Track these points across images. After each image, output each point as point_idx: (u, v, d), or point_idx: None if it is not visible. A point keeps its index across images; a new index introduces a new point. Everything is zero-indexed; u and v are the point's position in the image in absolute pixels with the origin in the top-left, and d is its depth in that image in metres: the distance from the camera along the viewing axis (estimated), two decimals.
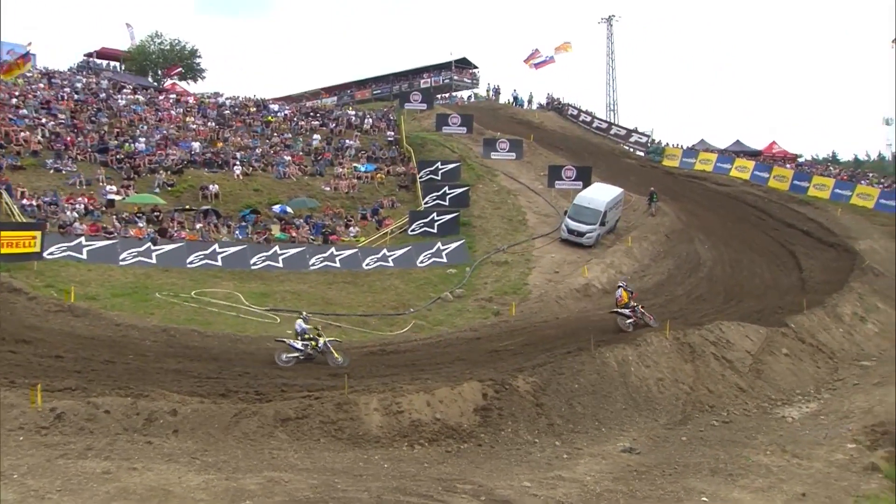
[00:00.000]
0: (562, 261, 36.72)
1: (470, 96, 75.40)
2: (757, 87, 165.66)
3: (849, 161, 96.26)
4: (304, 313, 24.47)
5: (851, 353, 27.56)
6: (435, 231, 39.86)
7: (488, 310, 30.91)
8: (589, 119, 66.77)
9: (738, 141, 64.03)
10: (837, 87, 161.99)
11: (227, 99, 56.62)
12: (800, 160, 62.82)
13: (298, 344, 22.56)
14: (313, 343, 22.56)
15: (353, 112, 57.89)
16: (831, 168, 59.17)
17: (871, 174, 56.85)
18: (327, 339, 22.89)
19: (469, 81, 76.75)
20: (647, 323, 25.55)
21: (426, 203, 42.71)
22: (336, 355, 22.65)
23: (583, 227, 38.68)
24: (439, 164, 46.24)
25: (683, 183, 53.50)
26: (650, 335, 23.12)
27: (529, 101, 71.42)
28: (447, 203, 42.54)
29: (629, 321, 25.40)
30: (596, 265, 35.69)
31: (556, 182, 44.51)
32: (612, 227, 41.11)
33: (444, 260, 37.03)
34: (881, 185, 50.42)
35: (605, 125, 66.53)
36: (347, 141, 51.08)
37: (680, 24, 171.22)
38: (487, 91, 73.59)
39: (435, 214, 40.58)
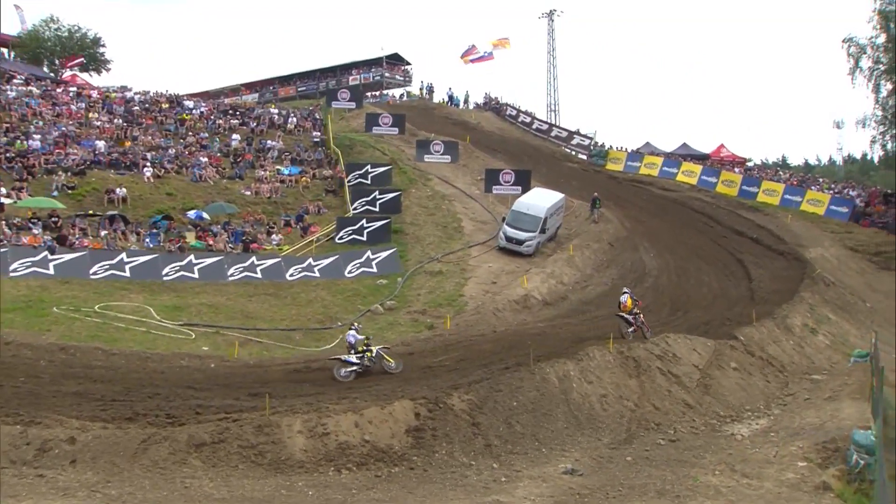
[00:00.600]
0: (499, 271, 37.04)
1: (402, 95, 75.61)
2: (705, 89, 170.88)
3: (799, 166, 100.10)
4: (356, 324, 25.24)
5: (802, 367, 28.52)
6: (364, 239, 39.73)
7: (421, 323, 30.94)
8: (528, 120, 67.66)
9: (685, 144, 65.81)
10: (788, 89, 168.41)
11: (135, 94, 55.39)
12: (749, 164, 64.99)
13: (353, 357, 23.49)
14: (368, 353, 23.62)
15: (276, 110, 57.37)
16: (781, 173, 61.43)
17: (821, 179, 59.21)
18: (378, 348, 24.07)
19: (401, 79, 76.97)
20: (644, 334, 26.19)
21: (355, 209, 42.54)
22: (390, 361, 23.83)
23: (522, 235, 39.08)
24: (369, 167, 46.16)
25: (628, 188, 54.63)
26: (592, 349, 23.48)
27: (465, 101, 71.99)
28: (377, 209, 42.47)
29: (630, 329, 26.07)
30: (536, 275, 36.09)
31: (494, 187, 44.91)
32: (553, 234, 41.61)
33: (375, 270, 36.93)
34: (832, 191, 52.46)
35: (545, 127, 67.54)
36: (270, 142, 50.55)
37: (625, 21, 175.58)
38: (421, 89, 74.02)
39: (364, 221, 40.47)
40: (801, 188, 52.23)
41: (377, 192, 43.30)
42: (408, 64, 77.49)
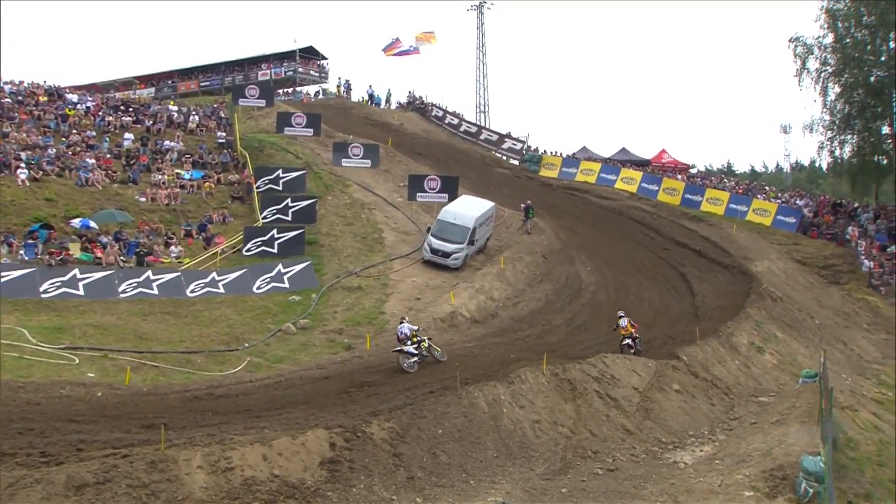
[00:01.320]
0: (424, 286, 37.17)
1: (317, 92, 75.27)
2: (645, 91, 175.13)
3: (745, 173, 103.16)
4: (406, 318, 28.57)
5: (748, 388, 29.30)
6: (275, 251, 39.38)
7: (339, 343, 30.76)
8: (456, 122, 68.11)
9: (624, 149, 67.21)
10: (733, 91, 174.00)
11: (6, 84, 53.50)
12: (692, 171, 66.63)
13: (412, 347, 26.32)
14: (423, 344, 26.71)
15: (176, 107, 56.32)
16: (726, 180, 62.97)
17: (768, 187, 60.99)
18: (427, 338, 27.29)
19: (316, 75, 76.51)
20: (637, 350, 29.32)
21: (265, 218, 42.09)
22: (437, 349, 27.20)
23: (448, 247, 39.31)
24: (280, 171, 45.73)
25: (563, 196, 55.41)
26: (524, 371, 23.67)
27: (387, 100, 72.07)
28: (290, 218, 42.11)
29: (633, 353, 28.76)
30: (464, 290, 36.30)
31: (418, 194, 45.05)
32: (483, 246, 41.93)
33: (287, 285, 36.64)
34: (779, 200, 54.04)
35: (474, 129, 68.08)
36: (168, 142, 49.57)
37: (561, 18, 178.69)
38: (338, 87, 73.66)
39: (275, 231, 40.08)
40: (747, 197, 53.76)
41: (289, 200, 42.92)
42: (324, 58, 77.14)
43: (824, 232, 48.90)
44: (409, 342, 26.51)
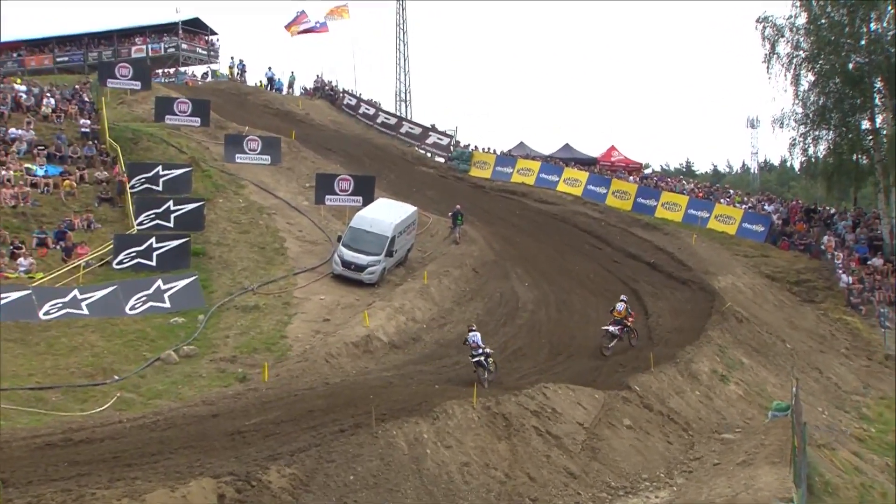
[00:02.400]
0: (334, 304, 37.20)
1: (206, 74, 74.76)
2: (591, 80, 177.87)
3: (706, 173, 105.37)
4: (474, 325, 31.69)
5: (710, 423, 29.86)
6: (153, 264, 38.87)
7: (231, 374, 30.41)
8: (372, 112, 68.36)
9: (567, 146, 68.14)
10: (693, 80, 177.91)
11: None
12: (646, 172, 67.88)
13: (482, 358, 29.16)
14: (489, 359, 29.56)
15: (25, 87, 54.98)
16: (685, 182, 64.16)
17: (732, 191, 62.20)
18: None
19: (204, 53, 76.02)
20: (631, 342, 34.37)
21: (140, 224, 41.41)
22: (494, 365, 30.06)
23: (363, 259, 39.46)
24: (160, 168, 45.03)
25: (497, 200, 56.15)
26: (451, 404, 23.69)
27: (290, 85, 71.91)
28: (172, 224, 41.58)
29: (612, 344, 33.81)
30: (381, 310, 36.32)
31: (328, 197, 45.09)
32: (403, 258, 42.28)
33: (168, 305, 36.15)
34: (745, 205, 55.19)
35: (393, 121, 68.47)
36: (15, 130, 48.29)
37: None
38: (231, 68, 73.04)
39: (154, 240, 39.49)
40: (708, 201, 54.92)
41: (171, 203, 42.31)
42: (213, 34, 76.66)
43: (796, 242, 50.18)
44: (480, 350, 29.20)
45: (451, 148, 63.70)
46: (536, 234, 49.63)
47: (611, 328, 34.16)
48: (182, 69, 74.01)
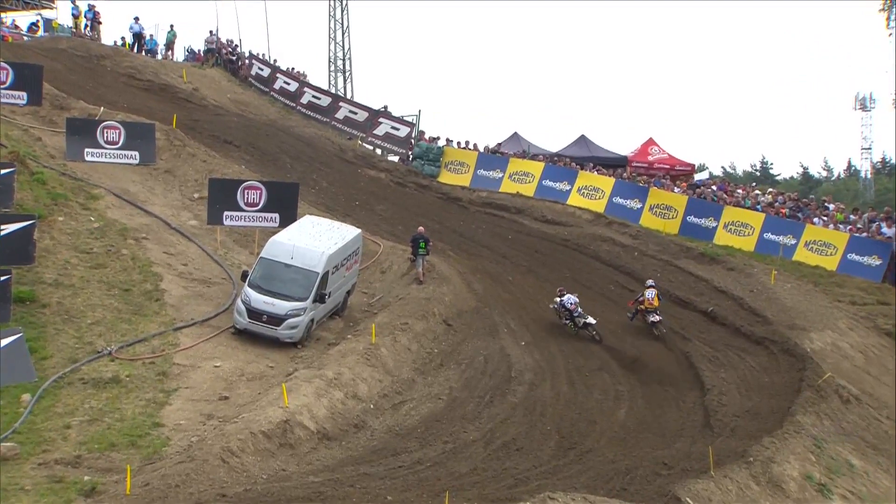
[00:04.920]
0: (236, 375, 36.87)
1: (35, 24, 74.15)
2: (616, 48, 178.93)
3: (793, 180, 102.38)
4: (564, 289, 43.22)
5: None
6: None
7: (72, 485, 29.74)
8: (293, 88, 68.83)
9: (583, 139, 68.14)
10: (768, 49, 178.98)
11: None
12: (700, 177, 67.51)
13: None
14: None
15: None
16: (759, 193, 63.13)
17: (832, 205, 59.70)
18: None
19: None
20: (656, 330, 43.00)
21: None
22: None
23: (280, 307, 39.20)
24: None
25: (480, 218, 56.34)
26: None
27: (170, 46, 72.35)
28: None
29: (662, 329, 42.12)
30: (307, 382, 35.72)
31: (227, 214, 45.14)
32: (340, 304, 42.36)
33: None
34: (851, 226, 54.50)
35: (326, 101, 69.15)
36: None
37: None
38: (76, 16, 72.84)
39: None
40: (795, 221, 54.81)
41: None
42: None
43: None
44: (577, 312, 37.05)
45: (412, 142, 63.64)
46: (537, 270, 49.73)
47: (655, 317, 41.00)
48: None
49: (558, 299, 43.26)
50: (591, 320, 43.05)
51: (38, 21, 73.92)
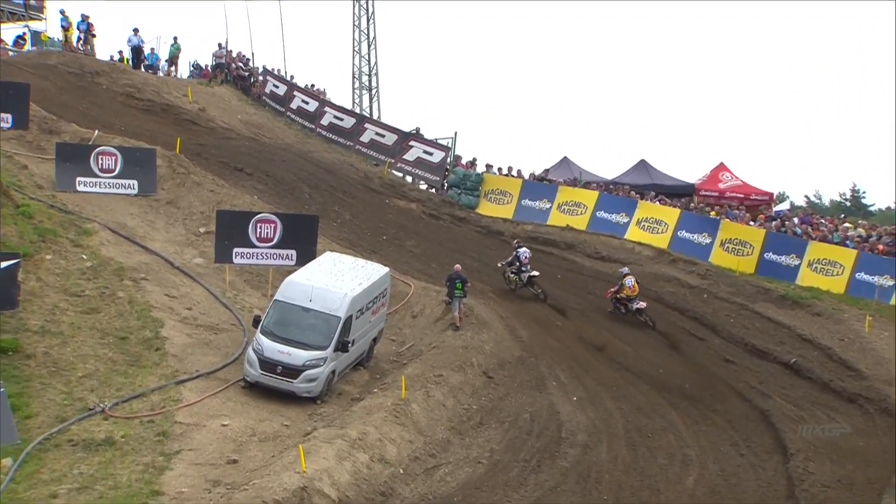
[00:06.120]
0: (246, 435, 36.06)
1: (21, 38, 74.42)
2: (673, 60, 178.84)
3: (890, 210, 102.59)
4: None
5: None
6: None
7: None
8: (312, 107, 68.78)
9: (643, 164, 67.93)
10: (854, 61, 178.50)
11: None
12: (781, 208, 66.73)
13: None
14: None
15: None
16: (849, 225, 62.20)
17: None
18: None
19: (20, 4, 75.79)
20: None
21: None
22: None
23: (298, 357, 38.47)
24: None
25: None
26: None
27: (173, 61, 72.66)
28: None
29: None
30: (327, 444, 35.03)
31: (237, 251, 44.80)
32: (366, 352, 41.83)
33: None
34: None
35: (349, 122, 68.88)
36: None
37: None
38: (67, 29, 72.64)
39: None
40: (893, 259, 53.52)
41: None
42: None
43: None
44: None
45: (447, 168, 63.22)
46: (591, 315, 49.04)
47: (640, 304, 43.16)
48: None
49: (515, 252, 49.55)
50: (534, 273, 49.06)
51: (25, 34, 74.48)
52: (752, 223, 58.65)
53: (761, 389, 43.30)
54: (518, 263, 49.32)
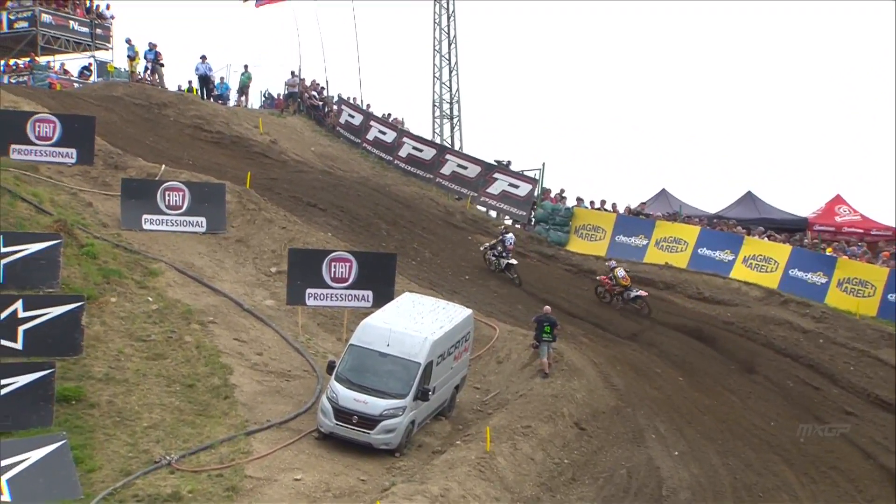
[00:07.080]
0: (320, 489, 35.97)
1: (87, 69, 75.63)
2: (782, 80, 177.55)
3: None
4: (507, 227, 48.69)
5: None
6: None
7: None
8: (390, 137, 69.09)
9: (749, 195, 67.47)
10: None
11: None
12: None
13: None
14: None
15: None
16: None
17: None
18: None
19: (85, 31, 76.83)
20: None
21: None
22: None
23: (375, 406, 38.42)
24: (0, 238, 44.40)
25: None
26: None
27: (244, 91, 73.47)
28: (20, 345, 40.52)
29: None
30: (406, 500, 34.84)
31: (311, 292, 44.83)
32: (447, 401, 41.81)
33: (5, 498, 34.87)
34: None
35: (430, 153, 69.22)
36: None
37: None
38: (133, 59, 73.84)
39: None
40: None
41: (21, 304, 41.41)
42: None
43: None
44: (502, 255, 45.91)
45: (535, 202, 63.06)
46: (692, 360, 48.77)
47: (638, 292, 45.64)
48: (44, 59, 75.18)
49: (501, 237, 55.96)
50: (513, 262, 54.81)
51: (90, 65, 74.99)
52: (875, 262, 57.67)
53: (886, 445, 42.72)
54: (501, 248, 55.45)
